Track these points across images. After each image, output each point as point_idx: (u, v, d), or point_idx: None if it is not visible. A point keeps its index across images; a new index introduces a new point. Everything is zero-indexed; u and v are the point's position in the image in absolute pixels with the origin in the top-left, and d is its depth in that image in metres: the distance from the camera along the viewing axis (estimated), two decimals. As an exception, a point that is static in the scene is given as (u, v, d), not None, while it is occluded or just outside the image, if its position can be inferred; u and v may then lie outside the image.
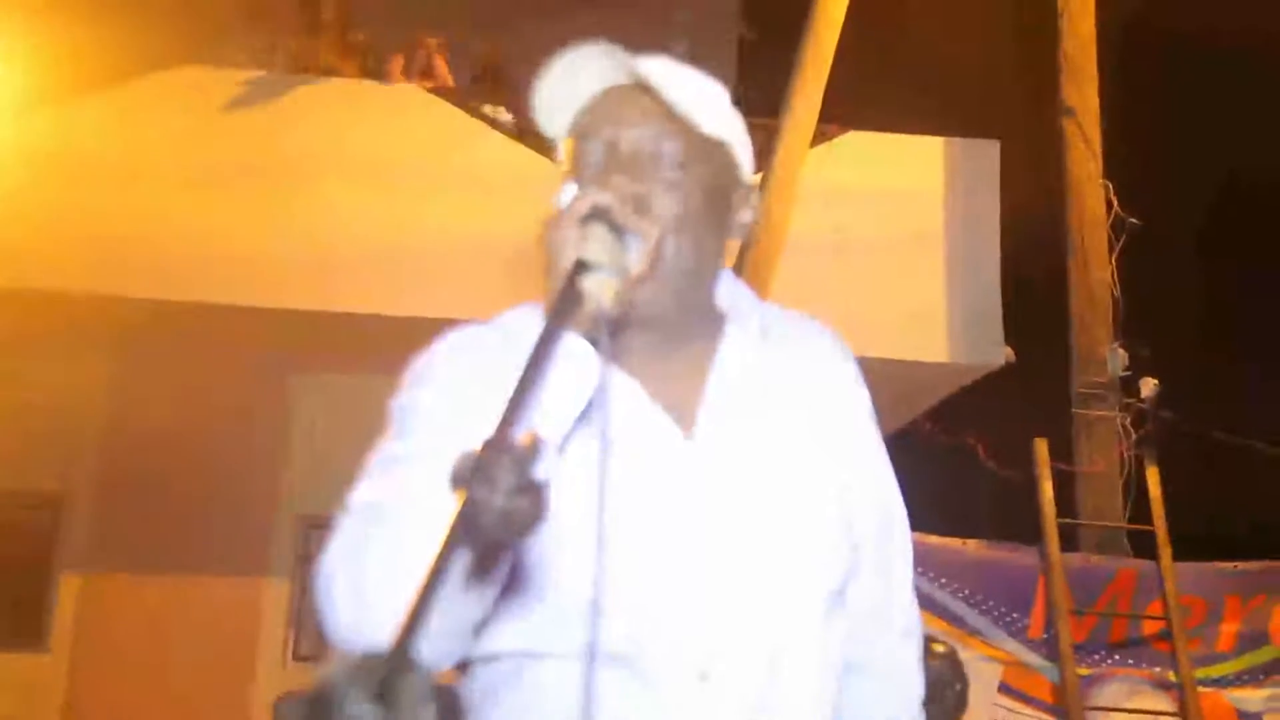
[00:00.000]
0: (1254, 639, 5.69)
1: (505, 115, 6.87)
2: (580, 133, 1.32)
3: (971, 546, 5.87)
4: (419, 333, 1.37)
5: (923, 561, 5.63)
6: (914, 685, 1.48)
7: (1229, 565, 5.87)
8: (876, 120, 6.81)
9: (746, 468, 1.30)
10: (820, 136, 6.36)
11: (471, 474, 0.84)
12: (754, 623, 1.27)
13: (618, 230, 1.15)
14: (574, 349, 1.14)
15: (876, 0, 6.55)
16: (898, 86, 7.51)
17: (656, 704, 1.22)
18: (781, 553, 1.29)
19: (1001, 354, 6.60)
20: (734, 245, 1.40)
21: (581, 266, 1.10)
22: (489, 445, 0.86)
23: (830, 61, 6.20)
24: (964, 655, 5.48)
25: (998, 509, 6.50)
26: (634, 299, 1.18)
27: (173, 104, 6.47)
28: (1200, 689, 5.46)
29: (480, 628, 1.23)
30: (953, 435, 7.11)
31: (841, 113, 6.57)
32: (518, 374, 0.95)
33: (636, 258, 1.16)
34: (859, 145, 6.82)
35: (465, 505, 0.83)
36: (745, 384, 1.35)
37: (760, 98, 6.49)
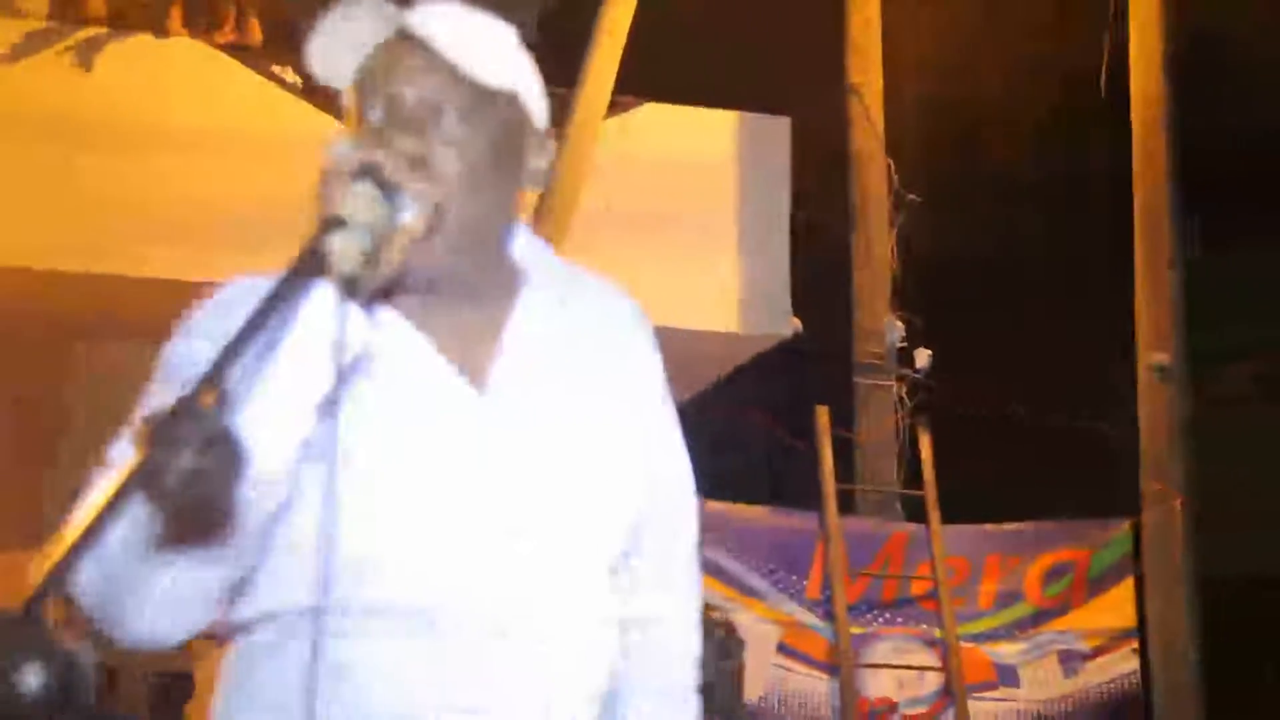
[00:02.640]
0: (1011, 596, 6.07)
1: (293, 75, 6.66)
2: (360, 88, 1.30)
3: (755, 512, 6.08)
4: (203, 298, 1.33)
5: (709, 527, 5.74)
6: (692, 644, 1.50)
7: (991, 527, 6.24)
8: (672, 93, 6.89)
9: (539, 426, 1.31)
10: (616, 108, 6.39)
11: (154, 434, 0.83)
12: (542, 580, 1.29)
13: (389, 189, 1.12)
14: (328, 306, 1.12)
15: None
16: (693, 59, 7.61)
17: (453, 661, 1.24)
18: (570, 511, 1.31)
19: (789, 325, 6.77)
20: (530, 196, 1.39)
21: (334, 223, 1.08)
22: (177, 404, 0.86)
23: (625, 32, 6.23)
24: (745, 618, 5.68)
25: (784, 475, 6.73)
26: (416, 257, 1.16)
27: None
28: (962, 644, 5.81)
29: (235, 591, 1.22)
30: (742, 404, 7.31)
31: (638, 84, 6.62)
32: (241, 330, 0.94)
33: (410, 217, 1.14)
34: (654, 117, 6.87)
35: (145, 465, 0.83)
36: (541, 343, 1.35)
37: (559, 67, 6.47)
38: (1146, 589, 6.13)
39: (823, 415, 6.15)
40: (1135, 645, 6.05)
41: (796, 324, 6.88)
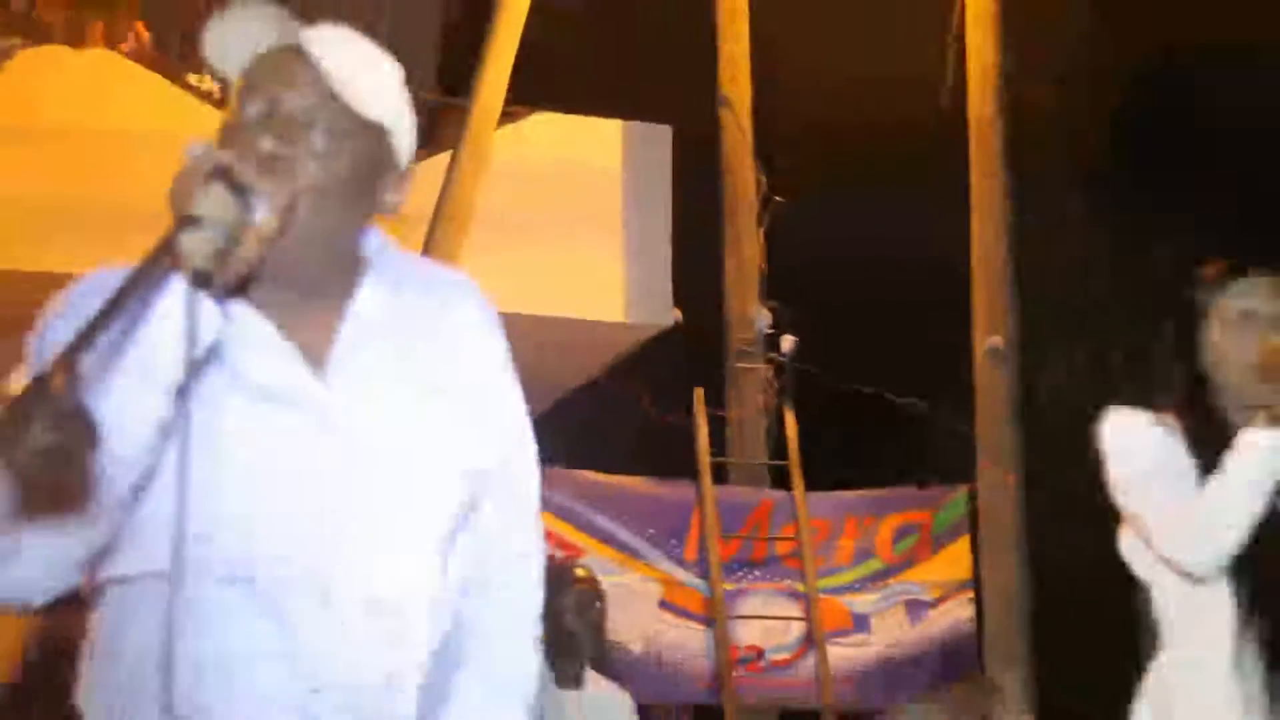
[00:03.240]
0: (865, 553, 6.77)
1: (210, 84, 6.92)
2: (246, 83, 1.36)
3: (638, 483, 6.67)
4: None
5: (596, 498, 6.40)
6: (531, 602, 1.53)
7: (848, 493, 6.94)
8: (562, 102, 7.32)
9: (374, 405, 1.37)
10: (508, 117, 6.79)
11: (7, 411, 0.88)
12: (375, 550, 1.35)
13: (241, 190, 1.17)
14: (179, 298, 1.18)
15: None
16: (582, 70, 8.11)
17: (281, 626, 1.29)
18: (404, 486, 1.38)
19: (671, 315, 7.27)
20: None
21: (188, 222, 1.12)
22: (29, 384, 0.90)
23: (517, 42, 6.57)
24: (629, 577, 6.32)
25: (664, 450, 7.32)
26: (264, 255, 1.22)
27: None
28: (822, 596, 6.51)
29: (99, 556, 1.29)
30: (628, 387, 7.88)
31: (530, 94, 7.02)
32: (94, 317, 1.01)
33: (261, 217, 1.19)
34: (544, 126, 7.30)
35: None
36: (379, 327, 1.39)
37: (461, 80, 6.78)
38: (980, 551, 6.85)
39: (699, 396, 6.81)
40: (971, 595, 6.79)
41: (677, 314, 7.39)
